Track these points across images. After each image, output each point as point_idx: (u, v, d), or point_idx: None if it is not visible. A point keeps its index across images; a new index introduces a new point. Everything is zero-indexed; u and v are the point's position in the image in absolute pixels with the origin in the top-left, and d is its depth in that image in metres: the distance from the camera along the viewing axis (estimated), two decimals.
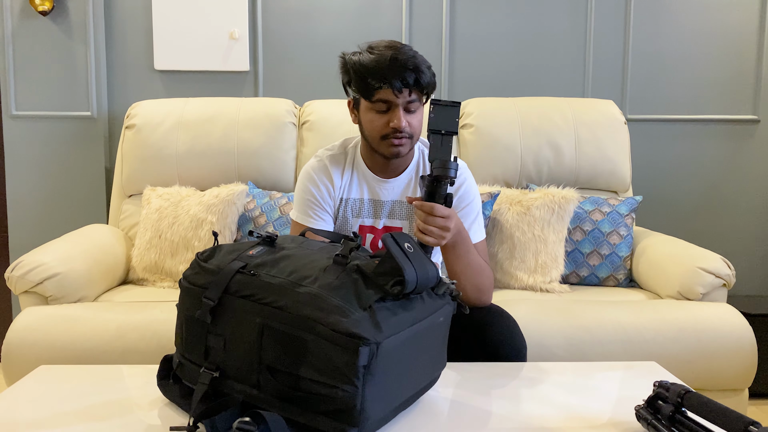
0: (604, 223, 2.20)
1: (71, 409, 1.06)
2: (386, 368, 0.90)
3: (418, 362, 1.01)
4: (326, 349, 0.87)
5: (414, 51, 1.38)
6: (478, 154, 2.42)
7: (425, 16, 2.74)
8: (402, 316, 0.95)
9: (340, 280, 0.94)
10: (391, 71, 1.33)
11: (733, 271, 1.94)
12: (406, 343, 0.95)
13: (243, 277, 0.97)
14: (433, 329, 1.03)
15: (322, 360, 0.88)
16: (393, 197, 1.51)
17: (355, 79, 1.38)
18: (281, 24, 2.73)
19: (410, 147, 1.43)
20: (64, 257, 1.94)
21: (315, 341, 0.88)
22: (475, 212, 1.50)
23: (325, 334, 0.87)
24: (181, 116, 2.40)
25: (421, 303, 1.00)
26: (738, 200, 2.85)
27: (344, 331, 0.86)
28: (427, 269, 0.99)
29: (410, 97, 1.37)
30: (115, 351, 1.73)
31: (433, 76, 1.39)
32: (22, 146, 2.64)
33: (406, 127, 1.38)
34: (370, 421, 0.90)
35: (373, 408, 0.90)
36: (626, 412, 1.04)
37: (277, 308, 0.92)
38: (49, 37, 2.61)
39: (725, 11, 2.77)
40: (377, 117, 1.39)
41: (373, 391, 0.89)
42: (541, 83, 2.77)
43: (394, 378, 0.94)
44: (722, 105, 2.81)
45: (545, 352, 1.76)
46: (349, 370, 0.86)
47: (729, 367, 1.80)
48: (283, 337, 0.91)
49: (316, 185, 1.49)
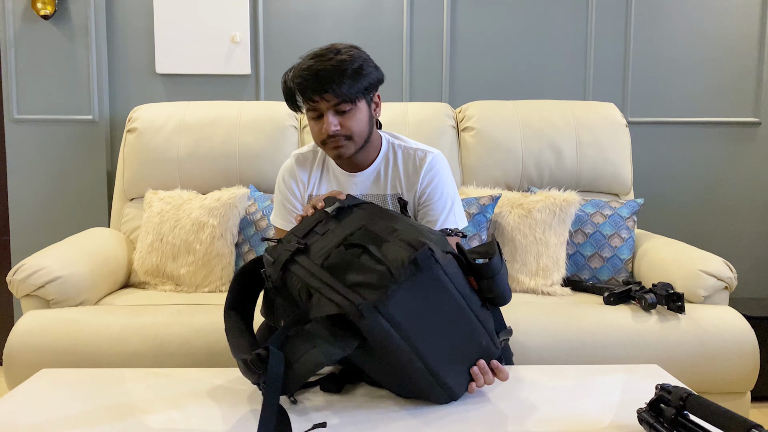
0: (605, 226, 2.20)
1: (73, 413, 1.06)
2: (427, 292, 1.02)
3: (444, 337, 1.05)
4: (400, 246, 1.03)
5: (340, 56, 1.35)
6: (480, 156, 2.42)
7: (426, 19, 2.74)
8: (463, 283, 1.07)
9: (437, 237, 1.10)
10: (302, 84, 1.36)
11: (735, 274, 1.94)
12: (451, 301, 1.05)
13: (373, 206, 1.20)
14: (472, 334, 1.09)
15: (392, 250, 1.03)
16: (362, 191, 1.52)
17: (285, 96, 1.44)
18: (282, 27, 2.73)
19: (355, 147, 1.43)
20: (66, 261, 1.94)
21: (395, 242, 1.04)
22: (450, 202, 1.50)
23: (406, 237, 1.04)
24: (183, 120, 2.41)
25: (480, 305, 1.10)
26: (739, 202, 2.85)
27: (420, 240, 1.03)
28: (507, 283, 1.12)
29: (334, 102, 1.37)
30: (117, 354, 1.73)
31: (368, 77, 1.38)
32: (24, 150, 2.65)
33: (338, 129, 1.39)
34: (387, 312, 0.98)
35: (396, 306, 0.99)
36: (628, 416, 1.03)
37: (381, 221, 1.11)
38: (50, 40, 2.62)
39: (726, 14, 2.77)
40: (314, 124, 1.43)
41: (406, 292, 0.99)
42: (542, 86, 2.78)
43: (424, 309, 1.02)
44: (723, 107, 2.81)
45: (547, 354, 1.76)
46: (405, 261, 1.00)
47: (731, 370, 1.80)
48: (373, 234, 1.07)
49: (282, 185, 1.57)
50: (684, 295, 1.83)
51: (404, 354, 1.01)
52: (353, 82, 1.36)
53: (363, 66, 1.37)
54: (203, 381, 1.19)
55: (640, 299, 1.87)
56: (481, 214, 2.15)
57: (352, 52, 1.38)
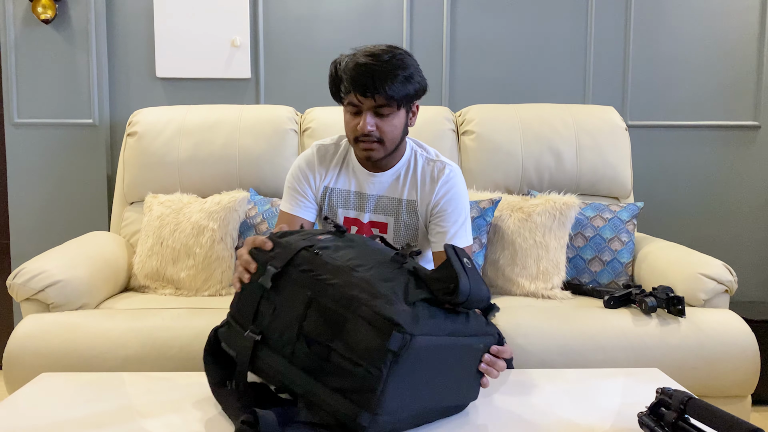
0: (605, 230, 2.20)
1: (72, 417, 1.06)
2: (413, 365, 0.93)
3: (447, 377, 1.01)
4: (363, 329, 0.92)
5: (396, 60, 1.37)
6: (480, 160, 2.42)
7: (426, 23, 2.75)
8: (443, 324, 0.97)
9: (393, 274, 0.99)
10: (355, 78, 1.37)
11: (735, 277, 1.94)
12: (439, 350, 0.97)
13: (307, 254, 1.04)
14: (469, 352, 1.04)
15: (356, 338, 0.92)
16: (379, 192, 1.53)
17: (330, 82, 1.46)
18: (282, 31, 2.74)
19: (384, 151, 1.45)
20: (66, 265, 1.94)
21: (354, 320, 0.93)
22: (462, 217, 1.52)
23: (366, 314, 0.92)
24: (183, 123, 2.41)
25: (465, 321, 1.02)
26: (739, 206, 2.85)
27: (384, 315, 0.91)
28: (481, 287, 1.00)
29: (378, 103, 1.38)
30: (117, 358, 1.73)
31: (415, 85, 1.40)
32: (24, 154, 2.65)
33: (374, 131, 1.40)
34: (385, 411, 0.91)
35: (392, 399, 0.91)
36: (629, 419, 1.03)
37: (329, 285, 0.97)
38: (51, 45, 2.62)
39: (725, 17, 2.77)
40: (350, 119, 1.44)
41: (395, 381, 0.91)
42: (542, 89, 2.78)
43: (418, 379, 0.95)
44: (723, 111, 2.82)
45: (547, 358, 1.76)
46: (379, 353, 0.90)
47: (731, 374, 1.80)
48: (327, 312, 0.96)
49: (297, 171, 1.56)
50: (684, 298, 1.83)
51: (416, 419, 1.00)
52: (402, 88, 1.38)
53: (413, 75, 1.40)
54: (203, 385, 1.19)
55: (640, 303, 1.87)
56: (481, 218, 2.15)
57: (407, 59, 1.40)
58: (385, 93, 1.36)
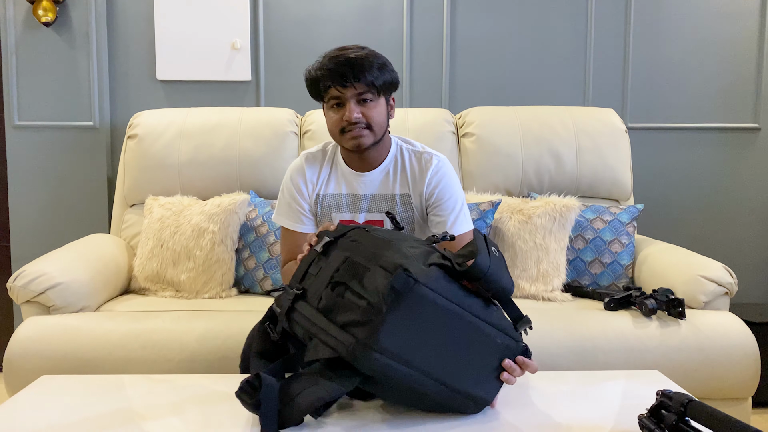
0: (605, 232, 2.20)
1: (73, 420, 1.06)
2: (414, 312, 0.98)
3: (454, 350, 1.02)
4: (379, 275, 1.01)
5: (367, 51, 1.44)
6: (479, 162, 2.42)
7: (426, 25, 2.75)
8: (456, 292, 1.03)
9: (421, 250, 1.08)
10: (332, 70, 1.41)
11: (735, 279, 1.94)
12: (447, 314, 1.01)
13: (359, 230, 1.16)
14: (483, 338, 1.05)
15: (371, 280, 1.01)
16: (371, 191, 1.55)
17: (308, 87, 1.49)
18: (283, 34, 2.74)
19: (373, 137, 1.47)
20: (66, 267, 1.94)
21: (375, 270, 1.02)
22: (459, 204, 1.54)
23: (385, 264, 1.02)
24: (183, 126, 2.41)
25: (484, 306, 1.06)
26: (739, 208, 2.85)
27: (398, 263, 1.00)
28: (502, 272, 1.07)
29: (359, 90, 1.42)
30: (117, 361, 1.73)
31: (391, 73, 1.46)
32: (24, 156, 2.65)
33: (360, 117, 1.43)
34: (379, 347, 0.96)
35: (387, 337, 0.96)
36: (629, 422, 1.03)
37: (363, 246, 1.09)
38: (51, 47, 2.62)
39: (725, 20, 2.78)
40: (333, 114, 1.47)
41: (393, 321, 0.97)
42: (542, 92, 2.78)
43: (418, 330, 0.99)
44: (723, 113, 2.82)
45: (548, 360, 1.76)
46: (384, 290, 0.98)
47: (732, 376, 1.80)
48: (356, 265, 1.06)
49: (290, 184, 1.59)
50: (684, 300, 1.83)
51: (411, 379, 1.00)
52: (380, 74, 1.43)
53: (387, 64, 1.46)
54: (203, 387, 1.19)
55: (640, 305, 1.87)
56: (482, 220, 2.15)
57: (377, 52, 1.47)
58: (364, 78, 1.41)
